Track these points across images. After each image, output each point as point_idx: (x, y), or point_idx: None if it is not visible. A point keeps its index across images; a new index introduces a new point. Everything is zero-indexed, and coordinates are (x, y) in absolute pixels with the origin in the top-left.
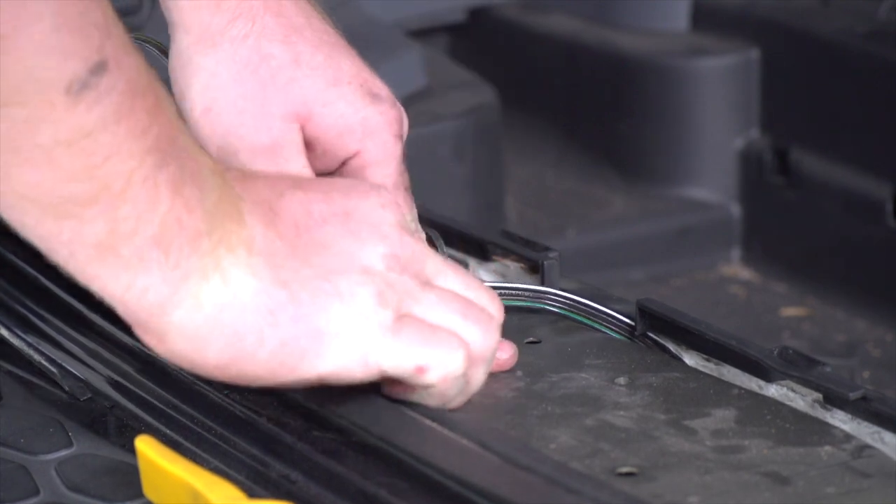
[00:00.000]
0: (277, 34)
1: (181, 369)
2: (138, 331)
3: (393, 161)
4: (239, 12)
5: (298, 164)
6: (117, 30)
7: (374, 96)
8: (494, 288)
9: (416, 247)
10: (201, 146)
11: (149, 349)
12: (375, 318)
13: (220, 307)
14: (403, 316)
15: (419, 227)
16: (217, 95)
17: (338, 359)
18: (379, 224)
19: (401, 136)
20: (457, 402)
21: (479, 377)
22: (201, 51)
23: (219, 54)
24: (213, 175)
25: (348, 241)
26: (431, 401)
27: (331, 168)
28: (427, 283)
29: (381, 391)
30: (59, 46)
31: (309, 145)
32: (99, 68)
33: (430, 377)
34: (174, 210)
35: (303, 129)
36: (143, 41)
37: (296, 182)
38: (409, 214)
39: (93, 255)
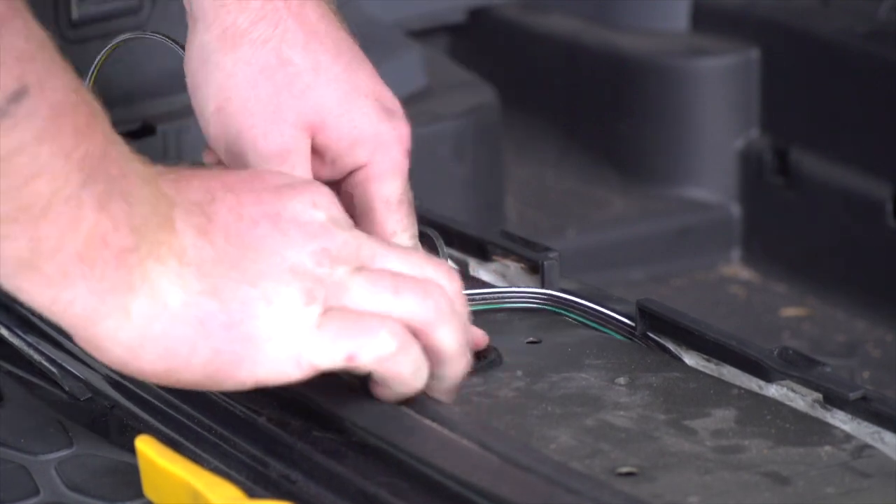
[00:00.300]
0: (298, 40)
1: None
2: (76, 340)
3: (400, 176)
4: (262, 14)
5: (303, 172)
6: (43, 53)
7: (389, 111)
8: (494, 292)
9: (347, 236)
10: (136, 155)
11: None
12: (302, 316)
13: (150, 318)
14: (329, 309)
15: (418, 244)
16: (231, 96)
17: (272, 363)
18: (308, 223)
19: (409, 153)
20: (454, 369)
21: (449, 339)
22: (220, 49)
23: (237, 55)
24: (145, 185)
25: (278, 241)
26: (402, 388)
27: (336, 177)
28: (361, 269)
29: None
30: None
31: (318, 153)
32: (18, 95)
33: (363, 362)
34: (99, 227)
35: (314, 137)
36: (163, 38)
37: (228, 183)
38: (410, 230)
39: (16, 269)
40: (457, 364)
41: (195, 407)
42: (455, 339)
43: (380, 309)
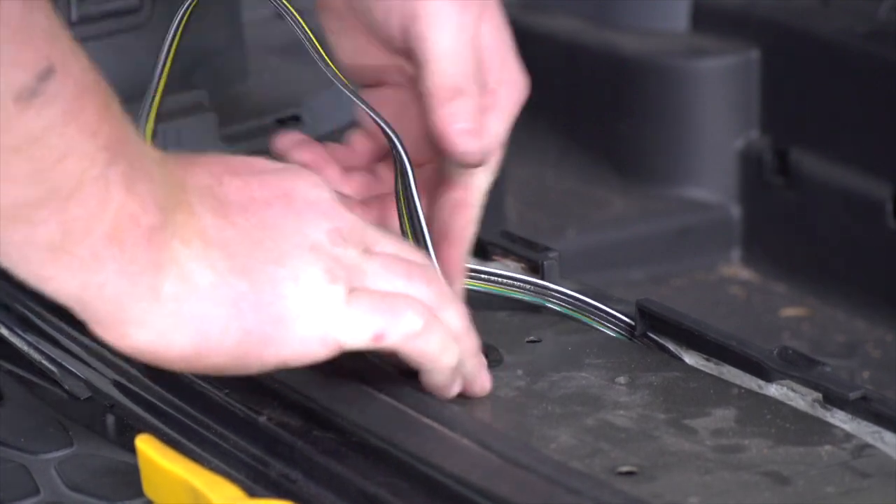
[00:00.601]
0: None
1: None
2: (98, 329)
3: (510, 116)
4: None
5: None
6: (62, 32)
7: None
8: (497, 276)
9: (353, 217)
10: (144, 139)
11: (110, 346)
12: (329, 295)
13: (181, 300)
14: (354, 289)
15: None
16: None
17: (300, 341)
18: (317, 202)
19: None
20: (467, 346)
21: (454, 320)
22: None
23: None
24: (160, 167)
25: (293, 220)
26: (433, 365)
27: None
28: (368, 251)
29: (404, 376)
30: (6, 57)
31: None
32: (47, 74)
33: (390, 340)
34: (127, 206)
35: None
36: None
37: (230, 167)
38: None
39: (47, 256)
40: (467, 342)
41: (195, 406)
42: (459, 318)
43: (397, 292)
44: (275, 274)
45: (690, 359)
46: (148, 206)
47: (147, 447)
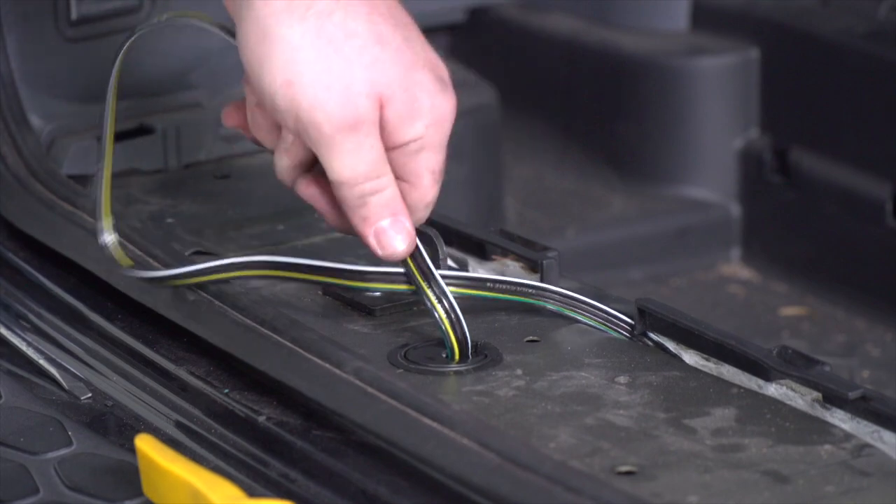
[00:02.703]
0: (361, 11)
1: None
2: None
3: (444, 149)
4: None
5: (374, 141)
6: None
7: (443, 83)
8: (496, 282)
9: None
10: None
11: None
12: None
13: None
14: None
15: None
16: (302, 70)
17: None
18: None
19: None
20: None
21: None
22: (284, 22)
23: (304, 28)
24: None
25: None
26: None
27: (388, 147)
28: None
29: None
30: None
31: (380, 124)
32: None
33: None
34: None
35: (381, 109)
36: (197, 19)
37: None
38: (430, 198)
39: None
40: None
41: (195, 406)
42: None
43: None
44: None
45: (690, 358)
46: None
47: (146, 447)
